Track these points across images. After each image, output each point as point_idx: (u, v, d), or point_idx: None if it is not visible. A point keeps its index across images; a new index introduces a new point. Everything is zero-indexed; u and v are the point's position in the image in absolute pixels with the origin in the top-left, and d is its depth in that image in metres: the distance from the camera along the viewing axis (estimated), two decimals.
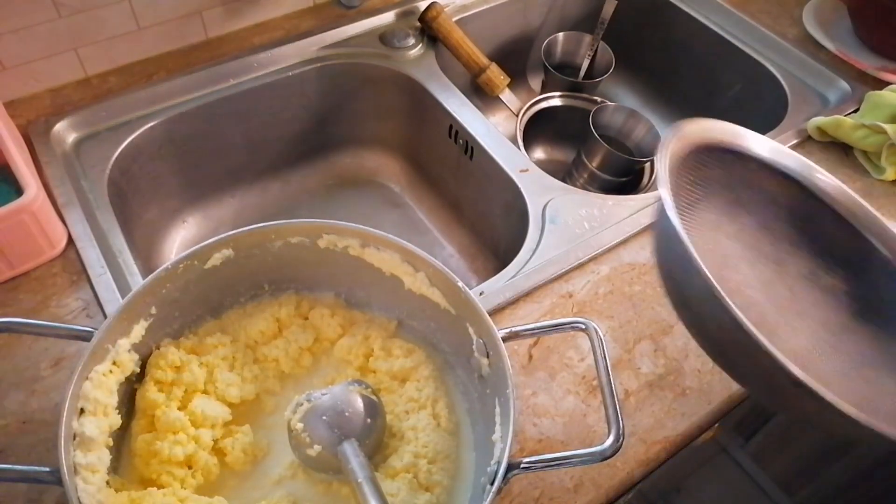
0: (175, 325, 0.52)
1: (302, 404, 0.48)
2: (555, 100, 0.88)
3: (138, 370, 0.49)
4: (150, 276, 0.48)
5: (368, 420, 0.47)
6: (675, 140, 0.41)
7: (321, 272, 0.55)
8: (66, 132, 0.70)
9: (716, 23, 0.89)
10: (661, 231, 0.41)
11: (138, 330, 0.48)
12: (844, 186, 0.48)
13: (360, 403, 0.47)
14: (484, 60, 0.83)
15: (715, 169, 0.44)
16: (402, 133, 0.89)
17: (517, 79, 0.96)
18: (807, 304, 0.45)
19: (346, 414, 0.46)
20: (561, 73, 0.89)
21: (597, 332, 0.46)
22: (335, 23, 0.83)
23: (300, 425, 0.46)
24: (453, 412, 0.51)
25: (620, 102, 0.98)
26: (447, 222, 0.88)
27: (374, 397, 0.49)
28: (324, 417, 0.46)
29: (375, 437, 0.48)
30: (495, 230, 0.79)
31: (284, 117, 0.83)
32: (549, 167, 0.86)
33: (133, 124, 0.71)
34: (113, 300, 0.56)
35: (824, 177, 0.48)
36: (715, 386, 0.55)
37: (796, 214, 0.47)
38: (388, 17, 0.85)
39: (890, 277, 0.46)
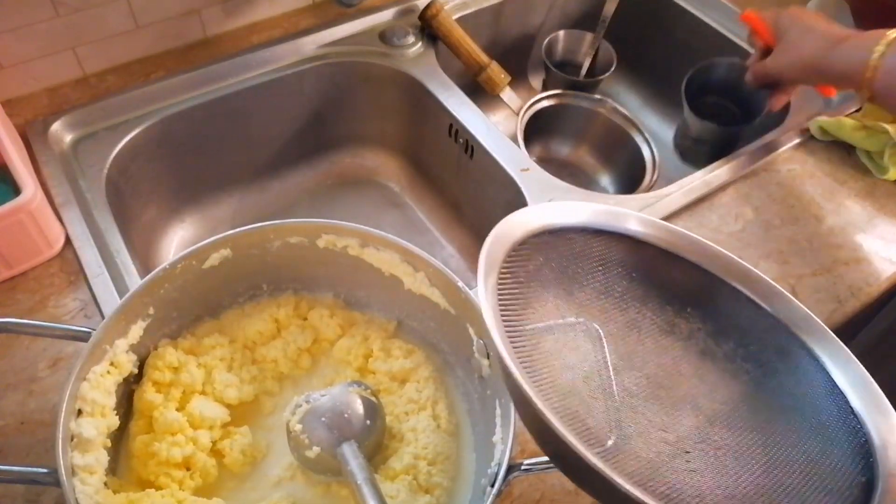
0: (173, 326, 0.52)
1: (301, 405, 0.47)
2: (556, 98, 0.88)
3: (136, 371, 0.49)
4: (148, 277, 0.47)
5: (368, 422, 0.47)
6: (487, 253, 0.38)
7: (320, 272, 0.54)
8: (63, 131, 0.69)
9: (718, 21, 0.88)
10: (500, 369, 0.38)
11: (136, 330, 0.48)
12: (659, 221, 0.46)
13: (359, 405, 0.47)
14: (484, 59, 0.83)
15: (536, 258, 0.42)
16: (401, 132, 0.88)
17: (518, 77, 0.96)
18: (678, 364, 0.42)
19: (346, 415, 0.46)
20: (562, 72, 0.88)
21: (598, 332, 0.45)
22: (334, 21, 0.83)
23: (299, 426, 0.46)
24: (453, 413, 0.51)
25: (622, 101, 0.97)
26: (447, 222, 0.88)
27: (373, 399, 0.49)
28: (323, 419, 0.46)
29: (375, 439, 0.48)
30: None
31: (283, 116, 0.82)
32: (549, 166, 0.86)
33: (131, 124, 0.71)
34: (111, 300, 0.56)
35: (640, 220, 0.46)
36: None
37: (630, 267, 0.45)
38: (387, 16, 0.85)
39: (736, 301, 0.45)
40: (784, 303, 0.44)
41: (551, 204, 0.45)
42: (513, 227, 0.41)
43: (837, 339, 0.43)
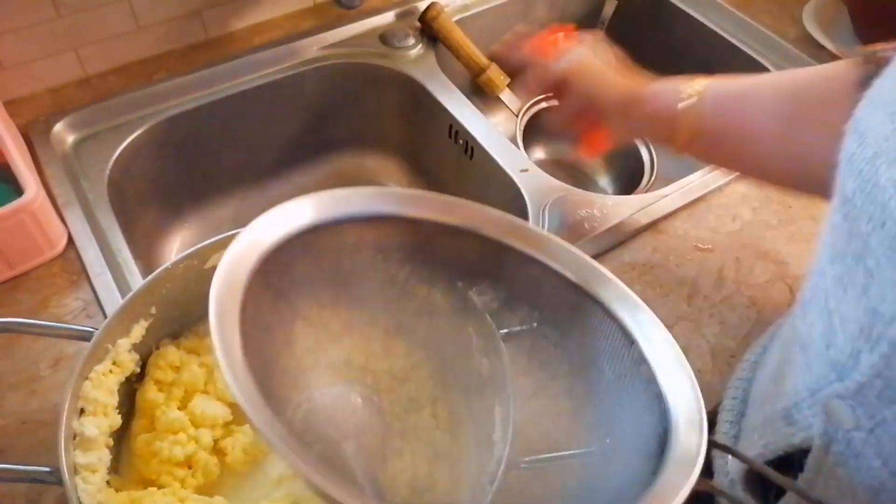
0: (175, 326, 0.52)
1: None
2: (555, 99, 0.88)
3: (138, 370, 0.49)
4: (150, 276, 0.47)
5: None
6: (222, 282, 0.34)
7: None
8: (65, 132, 0.70)
9: (716, 23, 0.89)
10: None
11: (138, 330, 0.48)
12: (422, 192, 0.43)
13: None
14: (484, 60, 0.83)
15: (302, 260, 0.37)
16: (401, 133, 0.89)
17: (518, 78, 0.96)
18: (470, 343, 0.41)
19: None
20: None
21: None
22: (335, 23, 0.83)
23: None
24: (453, 412, 0.51)
25: None
26: None
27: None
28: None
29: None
30: None
31: (284, 117, 0.83)
32: (549, 167, 0.86)
33: (133, 124, 0.71)
34: (113, 300, 0.56)
35: (406, 195, 0.42)
36: (715, 387, 0.55)
37: (410, 250, 0.41)
38: (388, 17, 0.85)
39: (522, 263, 0.42)
40: (567, 255, 0.42)
41: (307, 199, 0.40)
42: (261, 233, 0.37)
43: (621, 283, 0.41)
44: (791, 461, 0.34)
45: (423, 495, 0.45)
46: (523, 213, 0.67)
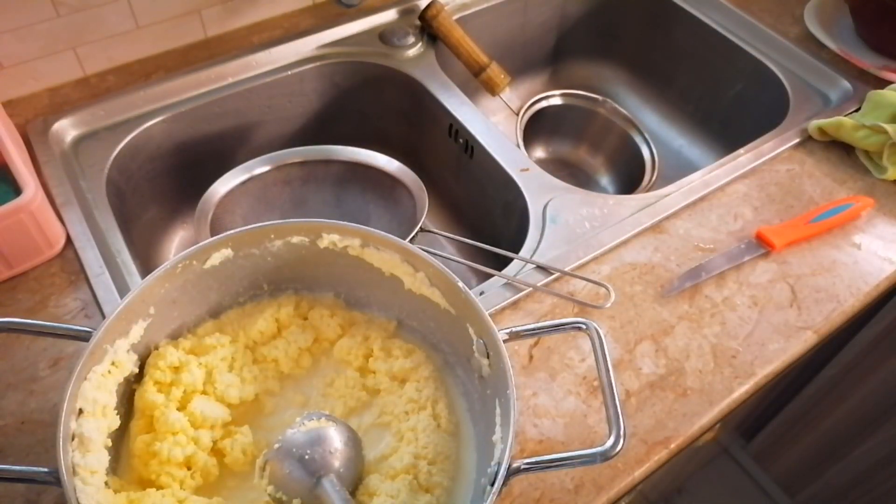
0: (174, 326, 0.52)
1: (264, 467, 0.46)
2: (555, 98, 0.88)
3: (137, 371, 0.49)
4: (149, 277, 0.47)
5: (337, 447, 0.45)
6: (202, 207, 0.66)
7: (321, 272, 0.54)
8: (64, 131, 0.70)
9: (717, 22, 0.89)
10: None
11: (137, 330, 0.48)
12: (302, 149, 0.71)
13: (324, 436, 0.45)
14: (484, 59, 0.83)
15: (245, 198, 0.69)
16: (401, 132, 0.88)
17: (518, 77, 0.96)
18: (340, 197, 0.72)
19: (307, 457, 0.44)
20: None
21: (597, 333, 0.45)
22: (334, 21, 0.83)
23: (272, 488, 0.45)
24: (453, 413, 0.51)
25: (622, 101, 0.97)
26: (447, 222, 0.88)
27: (331, 424, 0.47)
28: (288, 471, 0.44)
29: (354, 465, 0.46)
30: (496, 230, 0.79)
31: (283, 116, 0.82)
32: (549, 166, 0.86)
33: (132, 124, 0.71)
34: (111, 300, 0.56)
35: (294, 153, 0.72)
36: (716, 386, 0.55)
37: (301, 178, 0.73)
38: (387, 16, 0.85)
39: (358, 167, 0.72)
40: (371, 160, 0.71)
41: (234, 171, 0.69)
42: (216, 189, 0.67)
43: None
44: None
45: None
46: (524, 213, 0.67)
